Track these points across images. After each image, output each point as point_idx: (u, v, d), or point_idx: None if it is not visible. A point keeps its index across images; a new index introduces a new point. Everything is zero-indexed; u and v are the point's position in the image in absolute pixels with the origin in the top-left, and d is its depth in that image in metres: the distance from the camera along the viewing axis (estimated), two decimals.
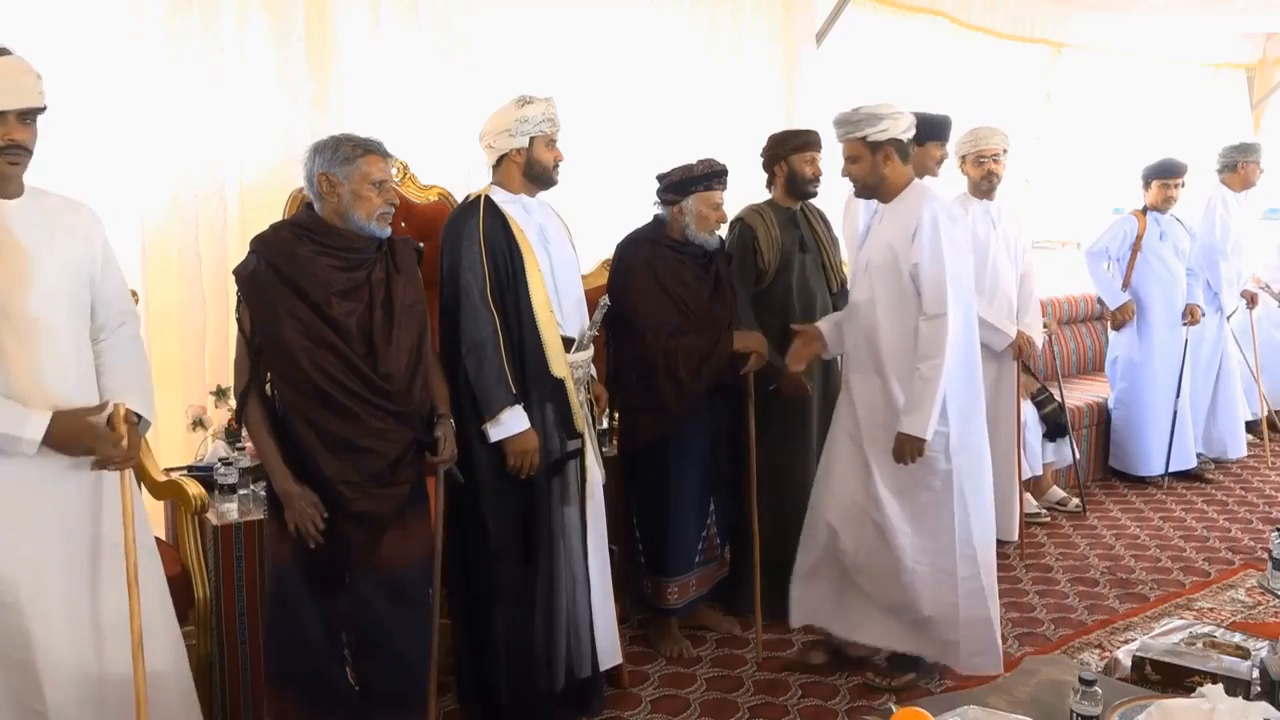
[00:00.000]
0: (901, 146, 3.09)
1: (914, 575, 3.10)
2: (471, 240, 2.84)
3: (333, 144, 2.51)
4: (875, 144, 3.05)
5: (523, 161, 2.93)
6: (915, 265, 2.98)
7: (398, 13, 3.78)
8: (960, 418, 3.06)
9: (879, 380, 3.10)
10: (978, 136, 4.30)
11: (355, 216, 2.50)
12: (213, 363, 3.44)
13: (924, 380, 2.97)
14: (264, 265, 2.48)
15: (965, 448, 3.09)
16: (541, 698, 2.98)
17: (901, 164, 3.10)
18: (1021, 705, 2.14)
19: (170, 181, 3.37)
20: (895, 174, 3.10)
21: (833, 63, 5.15)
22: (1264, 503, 5.23)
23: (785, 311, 3.63)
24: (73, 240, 2.27)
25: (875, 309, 3.10)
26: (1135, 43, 6.59)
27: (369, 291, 2.53)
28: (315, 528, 2.46)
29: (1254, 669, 2.27)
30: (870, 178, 3.11)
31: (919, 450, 2.98)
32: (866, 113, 3.06)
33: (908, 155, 3.13)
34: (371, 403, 2.49)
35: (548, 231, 2.99)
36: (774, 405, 3.58)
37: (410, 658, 2.66)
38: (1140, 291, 5.31)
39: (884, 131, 3.04)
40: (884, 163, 3.08)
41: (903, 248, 3.01)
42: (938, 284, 2.97)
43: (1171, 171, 5.24)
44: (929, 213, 3.00)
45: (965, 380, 3.10)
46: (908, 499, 3.10)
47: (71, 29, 3.17)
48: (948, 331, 2.95)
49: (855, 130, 3.07)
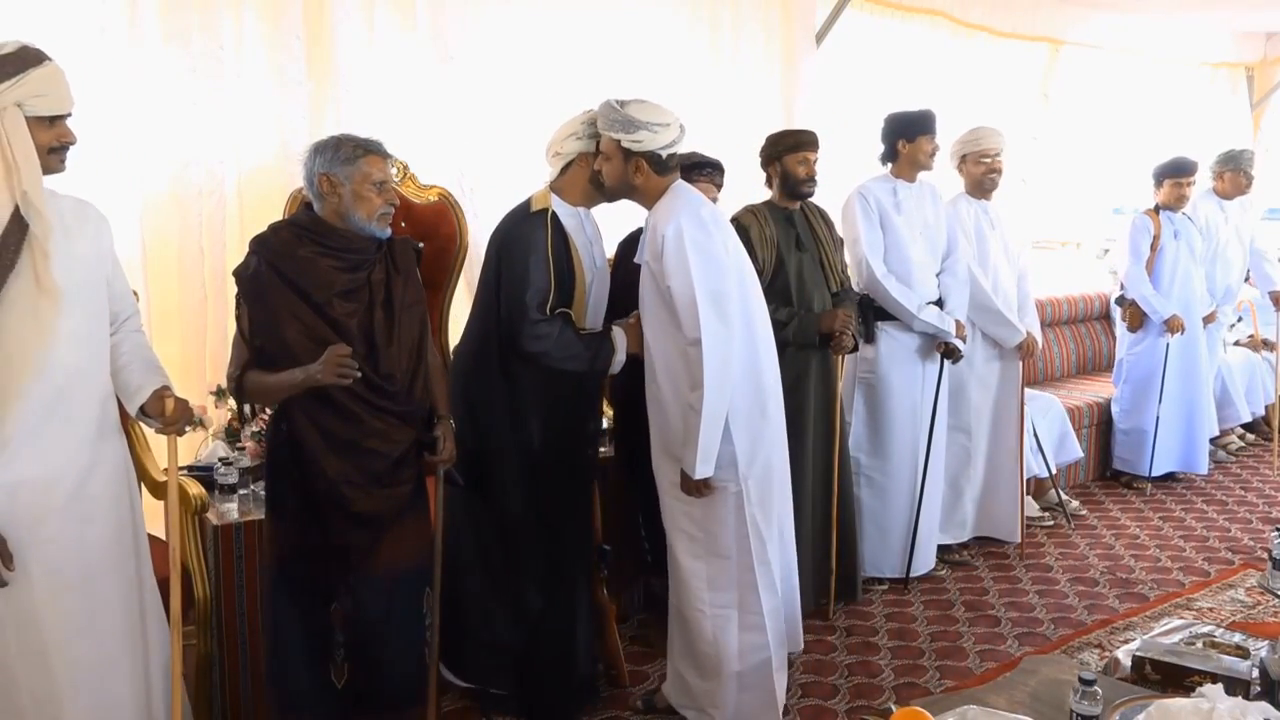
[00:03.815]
0: (657, 159, 2.79)
1: (715, 625, 2.89)
2: (539, 254, 2.83)
3: (333, 144, 2.50)
4: (628, 151, 2.78)
5: (588, 168, 2.90)
6: (667, 288, 2.74)
7: (396, 13, 3.77)
8: (747, 440, 2.84)
9: (658, 406, 2.89)
10: (979, 136, 4.32)
11: (356, 217, 2.50)
12: (213, 363, 3.44)
13: (690, 411, 2.73)
14: (265, 266, 2.47)
15: (753, 472, 2.86)
16: (576, 689, 3.05)
17: (656, 176, 2.82)
18: (1021, 705, 2.15)
19: (170, 181, 3.37)
20: (648, 185, 2.83)
21: (832, 63, 5.15)
22: (1264, 503, 5.23)
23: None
24: (86, 239, 2.29)
25: (648, 329, 2.87)
26: (1135, 42, 6.59)
27: (369, 292, 2.52)
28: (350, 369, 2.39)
29: (1254, 669, 2.27)
30: (619, 183, 2.84)
31: (705, 486, 2.78)
32: (625, 117, 2.76)
33: (666, 167, 2.82)
34: (373, 403, 2.49)
35: (594, 250, 3.01)
36: None
37: (408, 658, 2.66)
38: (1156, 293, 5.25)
39: (638, 142, 2.76)
40: (634, 173, 2.80)
41: (656, 266, 2.77)
42: (689, 307, 2.70)
43: (1183, 170, 5.22)
44: (673, 227, 2.72)
45: (751, 400, 2.87)
46: (694, 525, 2.89)
47: (71, 29, 3.17)
48: (705, 358, 2.68)
49: (609, 129, 2.79)
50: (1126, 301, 5.34)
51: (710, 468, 2.75)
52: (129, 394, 2.40)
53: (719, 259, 2.79)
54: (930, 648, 3.61)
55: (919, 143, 3.98)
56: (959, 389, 4.35)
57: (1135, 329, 5.34)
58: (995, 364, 4.45)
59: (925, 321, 3.97)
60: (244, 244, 3.43)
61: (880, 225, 3.99)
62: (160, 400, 2.36)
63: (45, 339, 2.16)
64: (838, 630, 3.73)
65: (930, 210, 4.11)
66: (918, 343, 4.05)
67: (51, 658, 2.22)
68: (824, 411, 3.72)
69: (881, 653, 3.57)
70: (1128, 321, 5.38)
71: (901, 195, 4.04)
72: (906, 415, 4.07)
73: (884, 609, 3.93)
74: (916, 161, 4.01)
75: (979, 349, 4.39)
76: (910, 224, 4.03)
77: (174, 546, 2.47)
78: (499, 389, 2.91)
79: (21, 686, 2.21)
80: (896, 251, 4.00)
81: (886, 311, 4.00)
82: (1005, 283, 4.42)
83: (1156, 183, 5.29)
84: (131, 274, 3.17)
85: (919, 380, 4.07)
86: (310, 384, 2.42)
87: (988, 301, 4.31)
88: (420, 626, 2.71)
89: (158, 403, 2.36)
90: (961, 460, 4.41)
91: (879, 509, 4.06)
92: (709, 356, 2.68)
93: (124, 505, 2.40)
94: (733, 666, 2.91)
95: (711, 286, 2.72)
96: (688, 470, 2.75)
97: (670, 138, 2.79)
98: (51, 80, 2.16)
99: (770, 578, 2.91)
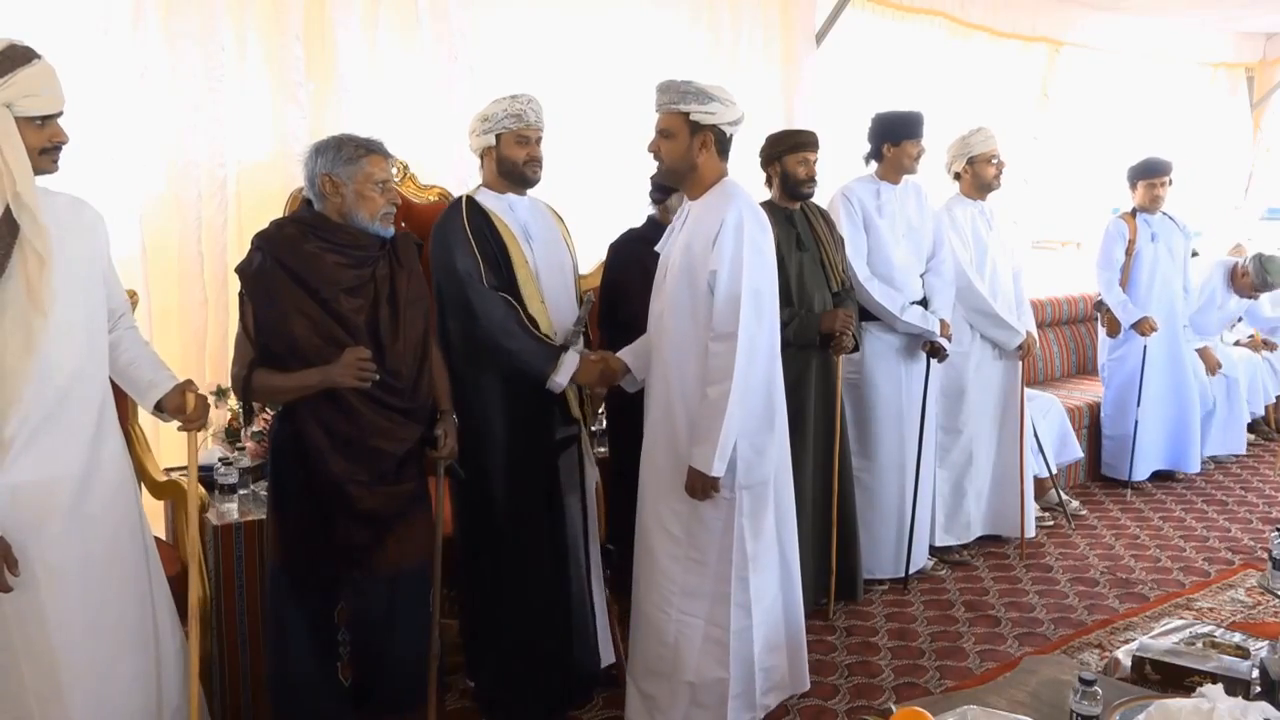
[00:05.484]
0: (723, 138, 2.75)
1: (679, 630, 2.80)
2: (458, 234, 2.85)
3: (335, 144, 2.50)
4: (696, 125, 2.70)
5: (494, 159, 2.95)
6: (713, 274, 2.65)
7: (397, 13, 3.78)
8: (751, 451, 2.75)
9: (664, 399, 2.80)
10: (985, 137, 4.32)
11: (359, 216, 2.50)
12: (213, 363, 3.44)
13: (711, 407, 2.64)
14: (270, 261, 2.45)
15: (751, 484, 2.77)
16: (553, 688, 3.01)
17: (718, 158, 2.77)
18: (1021, 705, 2.15)
19: (170, 181, 3.38)
20: (708, 166, 2.75)
21: (832, 63, 5.15)
22: (1264, 503, 5.23)
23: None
24: (82, 239, 2.28)
25: (664, 319, 2.78)
26: (1135, 42, 6.60)
27: (374, 288, 2.52)
28: (370, 372, 2.42)
29: (1254, 669, 2.27)
30: (680, 162, 2.75)
31: (712, 486, 2.68)
32: (698, 88, 2.71)
33: (727, 150, 2.78)
34: (380, 400, 2.49)
35: (531, 229, 2.99)
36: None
37: (410, 657, 2.66)
38: (1132, 297, 5.24)
39: (710, 114, 2.69)
40: (699, 149, 2.72)
41: (702, 252, 2.68)
42: (732, 298, 2.63)
43: (1156, 170, 5.18)
44: (734, 215, 2.66)
45: (763, 410, 2.79)
46: (680, 526, 2.79)
47: (71, 28, 3.17)
48: (737, 354, 2.62)
49: (679, 102, 2.71)
50: (1104, 308, 5.35)
51: (724, 466, 2.68)
52: (141, 389, 2.40)
53: (768, 259, 2.77)
54: (930, 648, 3.61)
55: (904, 146, 3.98)
56: (959, 391, 4.36)
57: (1114, 334, 5.34)
58: (996, 365, 4.44)
59: (908, 323, 3.97)
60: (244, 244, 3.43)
61: (864, 227, 3.99)
62: (181, 395, 2.36)
63: (39, 342, 2.13)
64: (838, 630, 3.73)
65: (914, 211, 4.11)
66: (902, 342, 4.05)
67: (58, 658, 2.22)
68: (824, 412, 3.72)
69: (881, 653, 3.57)
70: (1106, 327, 5.39)
71: (885, 197, 4.04)
72: (893, 415, 4.06)
73: (884, 609, 3.93)
74: (901, 165, 4.02)
75: (978, 351, 4.39)
76: (894, 225, 4.03)
77: (193, 543, 2.45)
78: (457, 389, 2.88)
79: (28, 687, 2.21)
80: (879, 253, 4.00)
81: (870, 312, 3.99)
82: (1004, 285, 4.42)
83: (1131, 185, 5.27)
84: (132, 274, 3.18)
85: (904, 380, 4.07)
86: (327, 385, 2.42)
87: (985, 305, 4.31)
88: (422, 626, 2.71)
89: (178, 398, 2.36)
90: (964, 463, 4.41)
91: (868, 510, 4.04)
92: (742, 352, 2.62)
93: (126, 505, 2.40)
94: (686, 676, 2.82)
95: (757, 284, 2.68)
96: (702, 468, 2.66)
97: (738, 114, 2.75)
98: (41, 79, 2.11)
99: (746, 596, 2.80)
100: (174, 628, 2.49)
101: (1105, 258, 5.27)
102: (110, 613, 2.32)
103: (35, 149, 2.11)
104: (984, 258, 4.36)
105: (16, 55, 2.08)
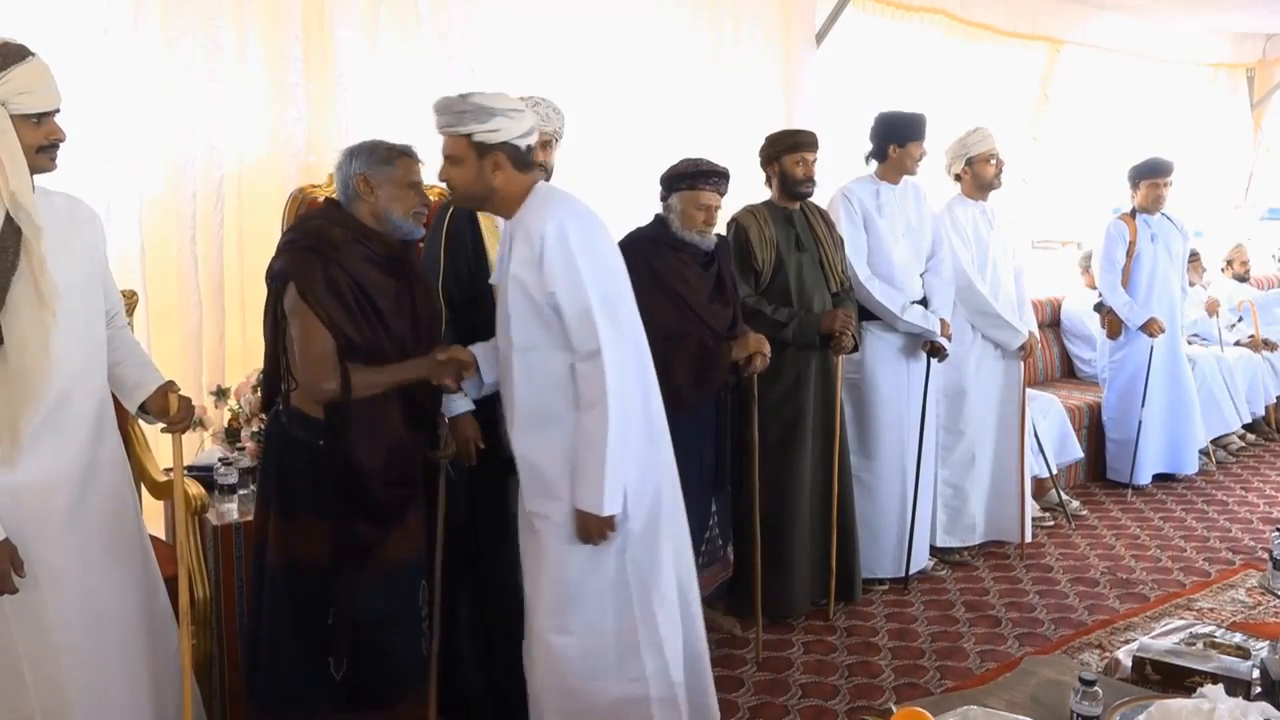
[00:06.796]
0: (517, 153, 2.43)
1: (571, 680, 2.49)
2: (436, 238, 2.87)
3: (369, 147, 2.53)
4: (483, 146, 2.40)
5: None
6: (551, 295, 2.36)
7: (396, 13, 3.77)
8: (639, 470, 2.46)
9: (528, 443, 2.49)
10: (984, 137, 4.32)
11: (393, 214, 2.51)
12: (211, 363, 3.43)
13: (588, 437, 2.34)
14: (334, 266, 2.44)
15: (640, 512, 2.48)
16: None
17: (517, 173, 2.44)
18: (1022, 706, 2.14)
19: (169, 182, 3.37)
20: (510, 185, 2.44)
21: (832, 63, 5.15)
22: (1264, 503, 5.22)
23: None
24: (79, 237, 2.28)
25: (509, 355, 2.46)
26: (1135, 42, 6.59)
27: (406, 296, 2.58)
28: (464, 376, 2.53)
29: (1254, 669, 2.27)
30: (474, 188, 2.45)
31: (609, 526, 2.38)
32: (477, 104, 2.40)
33: (527, 162, 2.47)
34: (417, 403, 2.59)
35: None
36: (773, 404, 3.59)
37: (409, 654, 2.66)
38: (1133, 298, 5.22)
39: (495, 132, 2.39)
40: (492, 171, 2.42)
41: (532, 275, 2.37)
42: (582, 314, 2.34)
43: (1159, 170, 5.17)
44: (553, 226, 2.36)
45: (642, 426, 2.49)
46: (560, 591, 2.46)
47: (69, 28, 3.17)
48: (606, 372, 2.33)
49: (458, 124, 2.40)
50: (1105, 309, 5.33)
51: (619, 502, 2.38)
52: (126, 390, 2.39)
53: (608, 258, 2.49)
54: (931, 648, 3.61)
55: (909, 148, 3.98)
56: (961, 392, 4.35)
57: (1115, 336, 5.32)
58: (997, 365, 4.44)
59: (909, 322, 3.96)
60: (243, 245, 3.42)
61: (864, 227, 3.99)
62: (164, 398, 2.35)
63: (48, 340, 2.13)
64: (838, 630, 3.72)
65: (913, 211, 4.10)
66: (902, 342, 4.05)
67: (59, 659, 2.22)
68: (824, 412, 3.72)
69: (882, 653, 3.57)
70: (1107, 329, 5.37)
71: (884, 197, 4.04)
72: (893, 415, 4.06)
73: (884, 609, 3.92)
74: (904, 166, 4.02)
75: (979, 351, 4.39)
76: (893, 225, 4.03)
77: (182, 544, 2.46)
78: None
79: (30, 688, 2.21)
80: (880, 252, 3.99)
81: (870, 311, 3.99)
82: (1005, 285, 4.42)
83: (1133, 185, 5.25)
84: (130, 274, 3.18)
85: (905, 379, 4.06)
86: (421, 378, 2.52)
87: (987, 306, 4.31)
88: (419, 619, 2.71)
89: (161, 400, 2.36)
90: (965, 463, 4.41)
91: (868, 510, 4.04)
92: (610, 369, 2.33)
93: (125, 505, 2.40)
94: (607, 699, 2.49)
95: (604, 290, 2.40)
96: (591, 508, 2.35)
97: (527, 125, 2.44)
98: (36, 76, 2.09)
99: (655, 635, 2.49)
100: (173, 628, 2.49)
101: (1107, 260, 5.25)
102: (110, 612, 2.31)
103: (32, 147, 2.10)
104: (985, 258, 4.37)
105: (10, 53, 2.07)
